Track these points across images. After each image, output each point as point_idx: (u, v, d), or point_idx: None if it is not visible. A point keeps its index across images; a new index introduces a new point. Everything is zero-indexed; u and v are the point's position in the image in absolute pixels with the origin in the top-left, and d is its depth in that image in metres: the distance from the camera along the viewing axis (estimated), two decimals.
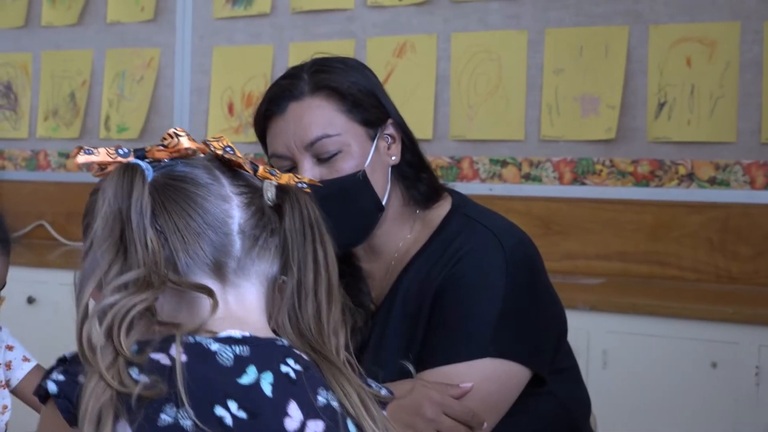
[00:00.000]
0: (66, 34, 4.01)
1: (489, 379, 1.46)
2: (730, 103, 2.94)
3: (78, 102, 3.98)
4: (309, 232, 1.00)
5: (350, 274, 1.61)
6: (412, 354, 1.48)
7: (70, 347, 0.94)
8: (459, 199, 1.62)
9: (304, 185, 1.04)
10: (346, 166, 1.51)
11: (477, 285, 1.50)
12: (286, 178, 1.02)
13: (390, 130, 1.57)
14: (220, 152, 1.00)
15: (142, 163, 0.97)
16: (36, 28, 4.07)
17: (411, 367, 1.19)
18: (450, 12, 3.33)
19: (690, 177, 3.00)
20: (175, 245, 0.94)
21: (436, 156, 3.28)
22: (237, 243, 0.96)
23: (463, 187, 1.74)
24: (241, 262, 0.96)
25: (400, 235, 1.60)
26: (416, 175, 1.60)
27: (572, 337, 1.67)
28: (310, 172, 1.50)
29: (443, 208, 1.61)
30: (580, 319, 2.57)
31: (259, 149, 3.89)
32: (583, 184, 3.14)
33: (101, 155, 0.98)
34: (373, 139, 1.54)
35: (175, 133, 1.01)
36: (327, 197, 1.49)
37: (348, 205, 1.52)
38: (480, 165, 3.28)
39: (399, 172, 1.59)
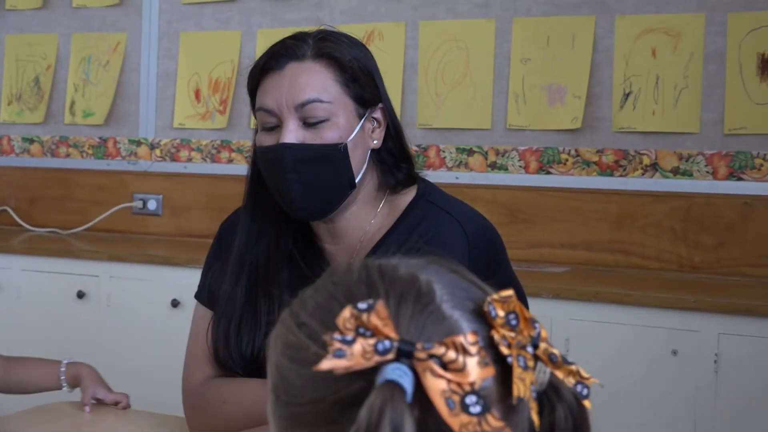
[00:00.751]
0: (31, 17, 3.97)
1: None
2: (694, 94, 2.97)
3: (43, 87, 3.95)
4: None
5: (312, 255, 1.62)
6: None
7: (32, 332, 0.92)
8: (425, 186, 1.63)
9: (586, 393, 0.74)
10: (329, 135, 1.52)
11: None
12: (565, 372, 0.73)
13: (378, 114, 1.58)
14: (505, 353, 0.70)
15: (406, 381, 0.65)
16: (0, 11, 4.02)
17: None
18: (418, 0, 3.33)
19: (654, 167, 3.03)
20: None
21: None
22: None
23: (429, 176, 1.75)
24: None
25: (367, 218, 1.60)
26: (395, 163, 1.61)
27: None
28: (294, 133, 1.51)
29: (409, 194, 1.62)
30: (543, 306, 2.59)
31: (226, 136, 3.88)
32: (549, 173, 3.16)
33: (355, 359, 0.65)
34: (360, 117, 1.55)
35: (462, 346, 0.66)
36: (304, 161, 1.51)
37: (323, 174, 1.53)
38: (447, 153, 3.29)
39: (378, 158, 1.60)
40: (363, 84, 1.55)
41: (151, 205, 3.75)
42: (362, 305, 0.67)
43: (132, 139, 3.81)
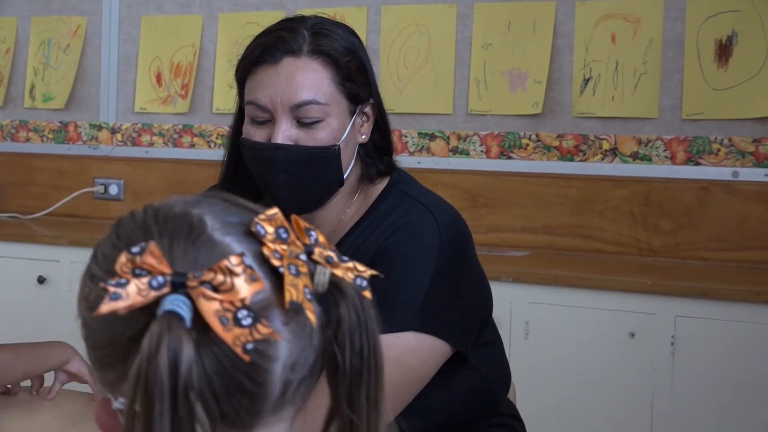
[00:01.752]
0: None
1: (411, 352, 1.48)
2: (653, 80, 3.01)
3: (2, 70, 3.91)
4: (366, 352, 0.80)
5: None
6: None
7: None
8: (397, 175, 1.63)
9: (364, 284, 0.81)
10: (322, 136, 1.51)
11: (408, 259, 1.52)
12: (343, 270, 0.80)
13: (368, 108, 1.58)
14: (276, 264, 0.77)
15: (183, 309, 0.72)
16: None
17: None
18: None
19: (613, 152, 3.06)
20: (212, 411, 0.74)
21: None
22: (277, 388, 0.77)
23: None
24: (276, 403, 0.78)
25: (344, 208, 1.61)
26: (379, 156, 1.61)
27: (495, 308, 1.70)
28: (287, 132, 1.50)
29: (381, 183, 1.62)
30: (503, 290, 2.62)
31: (188, 120, 3.86)
32: (510, 158, 3.18)
33: (131, 297, 0.72)
34: (352, 115, 1.54)
35: (228, 269, 0.73)
36: (297, 162, 1.50)
37: (314, 175, 1.52)
38: (409, 138, 3.31)
39: (363, 150, 1.59)
40: (357, 82, 1.54)
41: (113, 189, 3.74)
42: (135, 249, 0.73)
43: (93, 124, 3.78)
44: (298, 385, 0.78)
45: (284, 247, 0.77)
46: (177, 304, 0.72)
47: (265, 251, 0.77)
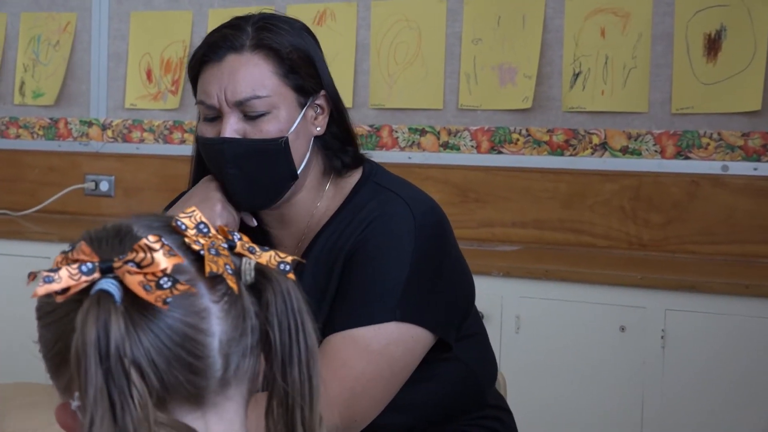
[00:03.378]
0: None
1: (395, 342, 1.49)
2: (642, 74, 3.02)
3: None
4: (294, 330, 0.87)
5: (258, 240, 1.62)
6: (320, 323, 1.50)
7: None
8: (370, 168, 1.64)
9: (287, 267, 0.88)
10: (270, 128, 1.52)
11: (386, 250, 1.52)
12: (266, 258, 0.88)
13: (321, 100, 1.58)
14: (197, 248, 0.84)
15: (112, 287, 0.79)
16: None
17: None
18: None
19: (603, 146, 3.07)
20: (151, 381, 0.80)
21: (355, 125, 3.27)
22: (218, 363, 0.83)
23: (382, 156, 1.76)
24: (222, 380, 0.84)
25: (314, 203, 1.61)
26: (341, 147, 1.61)
27: (486, 303, 1.72)
28: (234, 126, 1.51)
29: (355, 176, 1.62)
30: (494, 284, 2.63)
31: (178, 116, 3.86)
32: (500, 152, 3.19)
33: (64, 280, 0.80)
34: (302, 107, 1.55)
35: (147, 246, 0.80)
36: (245, 155, 1.52)
37: (263, 168, 1.53)
38: (399, 133, 3.31)
39: (322, 143, 1.60)
40: (303, 74, 1.54)
41: (104, 186, 3.73)
42: (67, 248, 0.82)
43: (83, 120, 3.78)
44: (239, 362, 0.85)
45: (205, 239, 0.84)
46: (107, 285, 0.78)
47: (186, 240, 0.84)
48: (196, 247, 0.84)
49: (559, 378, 2.63)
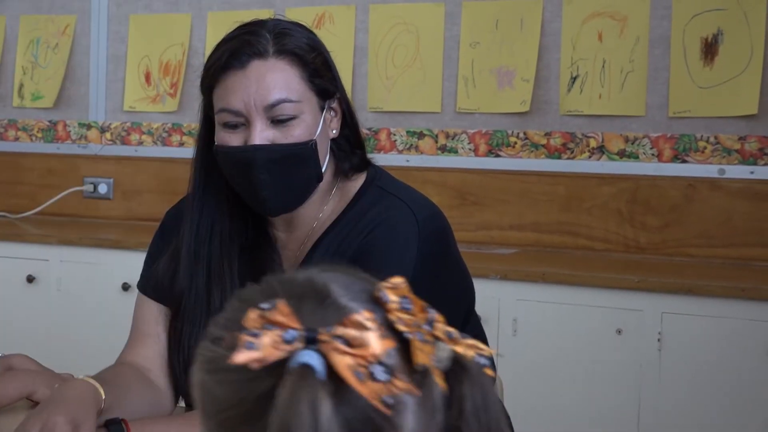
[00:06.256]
0: None
1: None
2: (640, 78, 3.02)
3: None
4: (487, 428, 0.76)
5: (264, 243, 1.63)
6: None
7: None
8: (374, 172, 1.64)
9: (486, 362, 0.78)
10: (298, 133, 1.52)
11: (388, 255, 1.52)
12: (463, 347, 0.77)
13: (335, 104, 1.59)
14: (403, 329, 0.74)
15: (315, 361, 0.70)
16: None
17: None
18: None
19: (600, 149, 3.08)
20: None
21: None
22: None
23: (380, 159, 1.76)
24: None
25: (321, 206, 1.62)
26: (351, 150, 1.62)
27: (483, 306, 1.72)
28: (263, 133, 1.51)
29: (358, 180, 1.62)
30: (491, 287, 2.64)
31: (177, 119, 3.86)
32: (498, 156, 3.20)
33: (266, 349, 0.70)
34: (322, 110, 1.56)
35: (360, 323, 0.71)
36: (277, 160, 1.51)
37: (294, 172, 1.53)
38: (397, 136, 3.32)
39: (335, 146, 1.61)
40: (324, 77, 1.56)
41: (102, 188, 3.74)
42: (265, 305, 0.72)
43: (82, 123, 3.79)
44: None
45: (408, 317, 0.75)
46: (311, 359, 0.69)
47: (391, 317, 0.74)
48: (401, 328, 0.74)
49: (556, 381, 2.63)
